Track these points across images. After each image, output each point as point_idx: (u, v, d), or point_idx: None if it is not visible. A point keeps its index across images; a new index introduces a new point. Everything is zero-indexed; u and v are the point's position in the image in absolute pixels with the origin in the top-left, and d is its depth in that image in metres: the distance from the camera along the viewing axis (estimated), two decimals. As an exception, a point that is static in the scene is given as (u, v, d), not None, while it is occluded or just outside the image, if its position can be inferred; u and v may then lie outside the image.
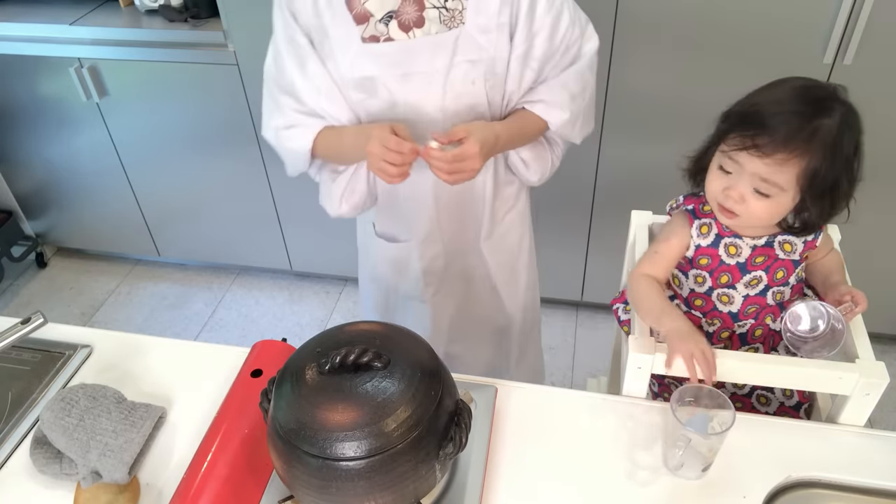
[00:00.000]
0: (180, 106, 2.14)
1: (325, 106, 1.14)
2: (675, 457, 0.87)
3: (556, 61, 1.15)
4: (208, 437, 0.92)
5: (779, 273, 1.03)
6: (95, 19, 2.12)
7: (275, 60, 1.16)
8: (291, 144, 1.18)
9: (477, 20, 1.08)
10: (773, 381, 0.99)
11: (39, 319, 0.96)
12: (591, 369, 2.23)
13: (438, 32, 1.08)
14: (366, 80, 1.11)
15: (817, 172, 0.90)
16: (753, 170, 0.92)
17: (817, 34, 1.64)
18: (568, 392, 1.04)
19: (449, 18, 1.08)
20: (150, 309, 2.56)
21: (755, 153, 0.91)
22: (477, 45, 1.09)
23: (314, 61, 1.11)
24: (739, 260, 1.03)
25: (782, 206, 0.95)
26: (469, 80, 1.11)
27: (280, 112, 1.17)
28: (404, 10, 1.08)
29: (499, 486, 0.91)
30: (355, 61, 1.09)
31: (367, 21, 1.08)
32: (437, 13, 1.08)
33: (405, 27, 1.08)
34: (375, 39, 1.09)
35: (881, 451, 0.95)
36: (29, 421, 1.03)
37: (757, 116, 0.92)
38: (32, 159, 2.43)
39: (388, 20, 1.08)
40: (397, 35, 1.08)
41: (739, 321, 1.06)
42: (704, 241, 1.04)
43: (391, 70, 1.09)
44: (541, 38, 1.11)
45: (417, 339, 0.85)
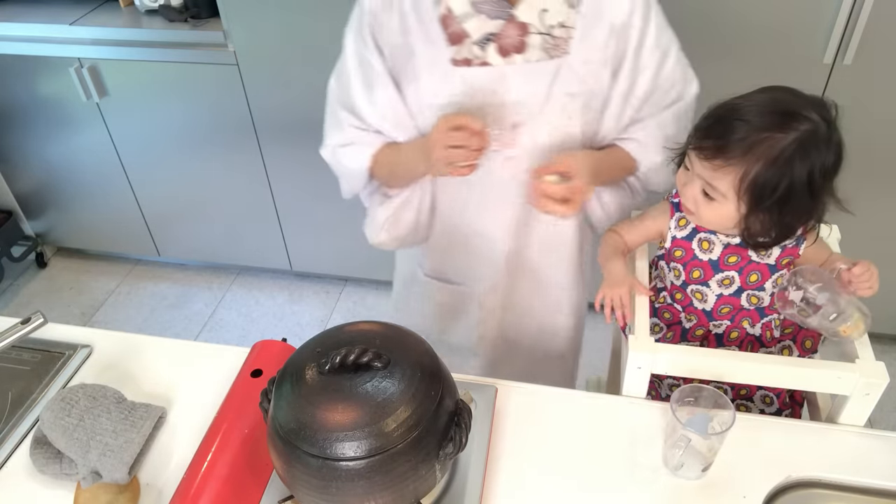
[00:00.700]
0: (180, 106, 2.14)
1: (391, 132, 1.09)
2: (675, 457, 0.87)
3: (657, 99, 1.09)
4: (208, 437, 0.92)
5: (752, 276, 1.02)
6: (95, 19, 2.12)
7: (338, 79, 1.11)
8: (348, 162, 1.13)
9: (582, 51, 1.01)
10: (773, 381, 0.99)
11: (39, 319, 0.96)
12: (591, 369, 2.23)
13: (539, 60, 1.01)
14: (451, 107, 1.03)
15: (757, 184, 0.89)
16: (699, 171, 0.94)
17: (817, 34, 1.64)
18: (568, 392, 1.04)
19: (553, 47, 1.00)
20: (150, 309, 2.56)
21: (699, 155, 0.93)
22: (578, 77, 1.02)
23: (384, 86, 1.05)
24: (712, 257, 1.03)
25: (728, 212, 0.94)
26: (566, 114, 1.05)
27: (339, 129, 1.12)
28: (506, 34, 0.99)
29: (499, 486, 0.91)
30: (442, 85, 1.02)
31: (462, 42, 1.00)
32: (541, 40, 1.00)
33: (504, 52, 1.00)
34: (468, 63, 1.01)
35: (881, 451, 0.95)
36: (29, 421, 1.03)
37: (712, 119, 0.94)
38: (32, 159, 2.43)
39: (485, 43, 1.00)
40: (494, 60, 1.00)
41: (714, 320, 1.07)
42: (680, 233, 1.05)
43: (481, 97, 1.02)
44: (646, 75, 1.05)
45: (417, 339, 0.85)
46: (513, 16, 0.98)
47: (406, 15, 1.00)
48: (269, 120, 2.11)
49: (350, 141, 1.12)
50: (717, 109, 0.94)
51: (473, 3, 0.98)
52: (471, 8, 0.98)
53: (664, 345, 1.00)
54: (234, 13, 1.92)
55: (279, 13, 1.88)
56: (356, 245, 1.49)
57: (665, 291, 1.13)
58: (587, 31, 1.00)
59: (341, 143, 1.13)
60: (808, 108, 0.88)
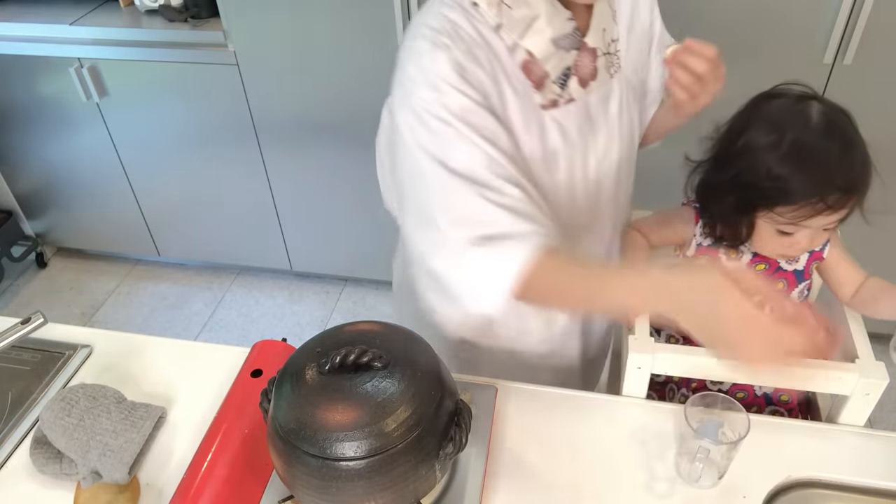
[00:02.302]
0: (180, 106, 2.14)
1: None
2: (696, 470, 0.87)
3: None
4: (208, 437, 0.92)
5: (778, 284, 1.01)
6: (95, 19, 2.12)
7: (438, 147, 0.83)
8: (500, 262, 0.82)
9: (629, 61, 1.00)
10: (773, 381, 0.99)
11: (39, 319, 0.96)
12: (591, 369, 2.23)
13: (605, 82, 0.96)
14: (549, 155, 0.93)
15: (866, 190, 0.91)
16: (825, 223, 0.91)
17: (817, 34, 1.64)
18: (568, 392, 1.04)
19: (611, 64, 0.97)
20: (150, 309, 2.56)
21: (829, 212, 0.89)
22: (632, 87, 1.01)
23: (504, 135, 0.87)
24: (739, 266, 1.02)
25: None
26: (631, 126, 1.03)
27: (464, 216, 0.83)
28: (582, 64, 0.92)
29: (499, 486, 0.91)
30: (539, 134, 0.91)
31: (545, 85, 0.91)
32: (605, 60, 0.95)
33: (584, 82, 0.93)
34: (555, 104, 0.92)
35: (881, 451, 0.95)
36: (29, 421, 1.03)
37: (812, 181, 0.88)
38: (32, 159, 2.43)
39: (564, 78, 0.91)
40: (577, 93, 0.93)
41: None
42: (707, 241, 1.04)
43: (574, 136, 0.94)
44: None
45: (417, 339, 0.85)
46: (584, 43, 0.92)
47: (493, 66, 0.87)
48: (269, 120, 2.11)
49: (490, 232, 0.82)
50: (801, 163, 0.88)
51: (554, 41, 0.88)
52: (552, 46, 0.89)
53: (664, 345, 0.99)
54: (234, 13, 1.92)
55: (279, 13, 1.88)
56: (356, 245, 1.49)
57: None
58: (628, 41, 1.00)
59: (477, 236, 0.82)
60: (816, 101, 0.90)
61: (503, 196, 0.83)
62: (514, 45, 0.88)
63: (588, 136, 0.96)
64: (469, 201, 0.83)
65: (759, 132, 0.91)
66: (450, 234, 0.84)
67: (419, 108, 0.83)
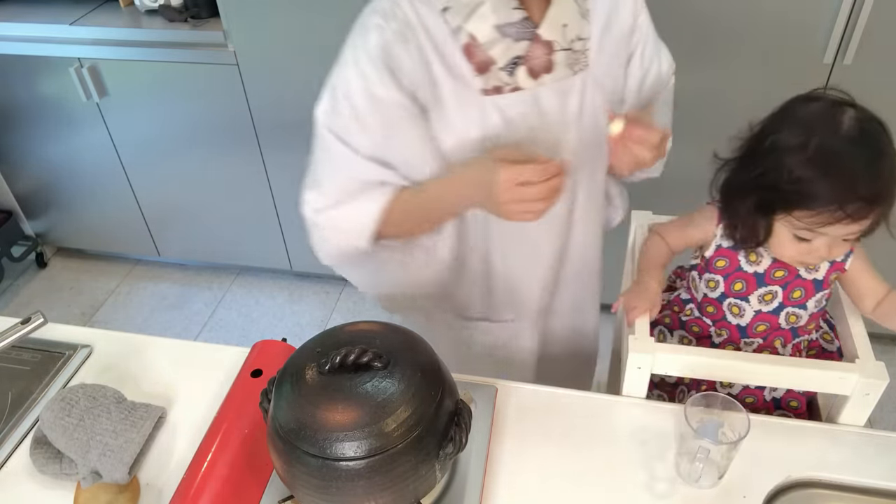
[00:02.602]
0: (180, 106, 2.14)
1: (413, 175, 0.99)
2: (696, 470, 0.87)
3: (665, 97, 1.11)
4: (208, 437, 0.92)
5: (796, 292, 1.00)
6: (95, 19, 2.12)
7: (338, 119, 0.96)
8: (352, 218, 0.99)
9: (600, 62, 0.99)
10: (773, 381, 0.99)
11: (39, 319, 0.96)
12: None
13: (565, 77, 0.97)
14: (488, 140, 0.97)
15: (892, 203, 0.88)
16: (845, 232, 0.89)
17: (817, 34, 1.64)
18: (568, 392, 1.04)
19: (574, 62, 0.97)
20: (150, 309, 2.56)
21: (849, 221, 0.87)
22: (602, 88, 1.01)
23: (409, 125, 0.95)
24: (758, 270, 1.00)
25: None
26: (597, 127, 1.02)
27: (331, 181, 0.99)
28: (534, 55, 0.94)
29: (499, 486, 0.91)
30: (476, 118, 0.96)
31: (489, 70, 0.94)
32: (565, 56, 0.96)
33: (535, 73, 0.95)
34: (499, 90, 0.95)
35: (881, 451, 0.95)
36: (29, 421, 1.02)
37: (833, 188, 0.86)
38: (32, 159, 2.43)
39: (512, 67, 0.94)
40: (526, 83, 0.95)
41: (747, 337, 1.05)
42: (726, 242, 1.02)
43: (519, 124, 0.97)
44: (653, 70, 1.07)
45: (417, 339, 0.85)
46: (538, 35, 0.94)
47: (424, 48, 0.93)
48: (269, 120, 2.11)
49: (352, 192, 0.98)
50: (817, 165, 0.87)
51: (498, 27, 0.92)
52: (497, 33, 0.93)
53: (664, 345, 0.99)
54: (234, 13, 1.92)
55: (279, 13, 1.88)
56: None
57: (692, 304, 1.10)
58: (601, 40, 0.99)
59: (342, 195, 0.99)
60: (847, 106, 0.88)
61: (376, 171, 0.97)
62: (459, 27, 0.92)
63: (537, 128, 0.98)
64: (342, 170, 0.98)
65: (788, 133, 0.89)
66: (326, 188, 1.00)
67: (334, 80, 0.96)
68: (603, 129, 1.00)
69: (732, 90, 1.77)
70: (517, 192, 0.85)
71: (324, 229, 1.03)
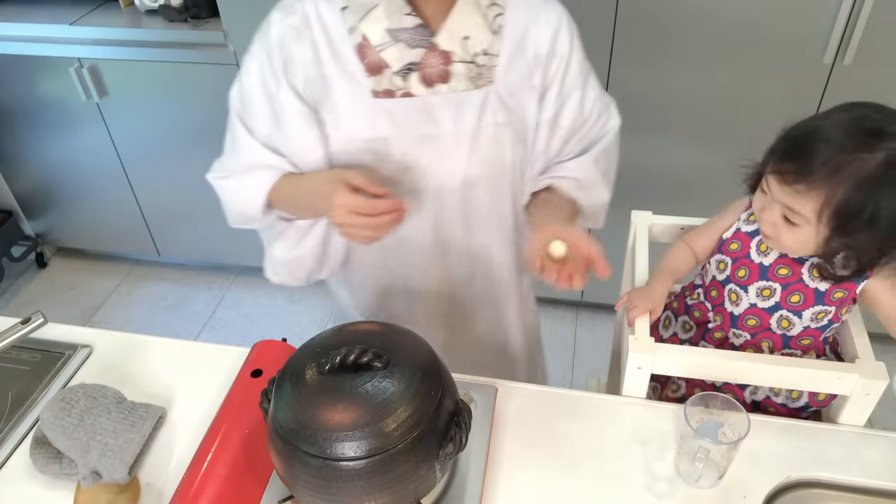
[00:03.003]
0: (180, 106, 2.14)
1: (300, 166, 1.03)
2: (696, 470, 0.87)
3: (584, 133, 1.07)
4: (208, 437, 0.92)
5: (794, 296, 0.99)
6: (95, 19, 2.12)
7: (242, 103, 1.01)
8: (243, 192, 1.05)
9: (507, 80, 0.98)
10: (773, 381, 0.99)
11: (39, 319, 0.96)
12: (591, 369, 2.23)
13: (465, 90, 0.97)
14: (377, 141, 0.98)
15: (841, 209, 0.85)
16: (779, 197, 0.90)
17: (817, 34, 1.64)
18: (568, 392, 1.04)
19: (477, 76, 0.97)
20: (150, 309, 2.56)
21: (778, 179, 0.89)
22: (506, 106, 0.99)
23: (294, 123, 0.98)
24: (764, 261, 1.00)
25: (808, 237, 0.90)
26: (498, 144, 1.01)
27: (235, 154, 1.05)
28: (428, 63, 0.95)
29: (499, 486, 0.91)
30: (365, 118, 0.97)
31: (382, 72, 0.95)
32: (466, 68, 0.96)
33: (428, 81, 0.96)
34: (390, 94, 0.96)
35: (881, 451, 0.95)
36: (29, 421, 1.03)
37: (791, 142, 0.89)
38: (32, 159, 2.43)
39: (406, 72, 0.95)
40: (418, 90, 0.96)
41: (736, 328, 1.05)
42: (746, 227, 1.03)
43: (409, 129, 0.97)
44: (572, 102, 1.03)
45: (417, 339, 0.85)
46: (434, 44, 0.94)
47: (318, 45, 0.95)
48: (269, 120, 2.10)
49: (246, 169, 1.03)
50: (795, 130, 0.90)
51: (390, 31, 0.94)
52: (388, 37, 0.94)
53: (664, 345, 0.99)
54: (234, 13, 1.92)
55: (279, 13, 1.88)
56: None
57: (700, 288, 1.11)
58: (511, 59, 0.98)
59: (236, 170, 1.05)
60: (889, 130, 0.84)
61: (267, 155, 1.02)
62: (353, 27, 0.95)
63: (429, 136, 0.98)
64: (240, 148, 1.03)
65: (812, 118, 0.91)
66: (226, 161, 1.07)
67: (243, 66, 1.00)
68: (502, 150, 1.01)
69: (732, 90, 1.77)
70: (349, 218, 0.90)
71: (221, 195, 1.10)
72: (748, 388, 1.07)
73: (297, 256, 1.11)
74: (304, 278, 1.15)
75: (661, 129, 1.87)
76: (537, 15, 0.98)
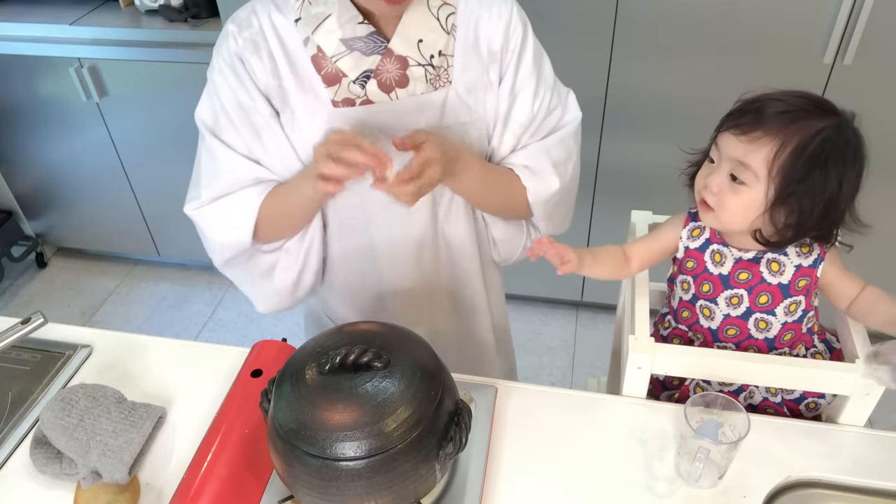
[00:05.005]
0: (180, 106, 2.14)
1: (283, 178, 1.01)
2: (696, 470, 0.87)
3: (536, 128, 1.05)
4: (208, 437, 0.92)
5: (762, 297, 0.99)
6: (95, 19, 2.12)
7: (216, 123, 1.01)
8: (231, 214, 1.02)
9: (464, 78, 0.98)
10: (773, 381, 0.99)
11: (39, 319, 0.96)
12: (591, 369, 2.23)
13: (424, 93, 0.97)
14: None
15: (789, 162, 0.87)
16: (731, 152, 0.91)
17: (817, 34, 1.65)
18: (568, 392, 1.04)
19: (435, 77, 0.97)
20: (150, 309, 2.57)
21: (735, 132, 0.90)
22: (466, 105, 0.99)
23: (271, 130, 0.98)
24: (723, 271, 1.00)
25: (755, 201, 0.91)
26: (464, 139, 1.01)
27: (215, 179, 1.02)
28: (385, 69, 0.94)
29: (499, 486, 0.91)
30: (326, 129, 0.95)
31: (339, 82, 0.95)
32: (423, 71, 0.96)
33: (386, 88, 0.95)
34: (350, 103, 0.96)
35: (881, 451, 0.95)
36: (29, 421, 1.03)
37: (749, 102, 0.92)
38: (32, 159, 2.43)
39: (364, 80, 0.95)
40: (377, 97, 0.96)
41: (719, 341, 1.04)
42: (693, 243, 1.04)
43: (372, 137, 0.96)
44: (523, 97, 1.01)
45: (417, 339, 0.85)
46: (389, 50, 0.94)
47: (276, 56, 0.95)
48: (269, 120, 2.11)
49: (231, 188, 1.01)
50: (749, 97, 0.94)
51: (344, 41, 0.93)
52: (343, 46, 0.94)
53: (664, 345, 0.99)
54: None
55: (279, 13, 1.88)
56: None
57: (669, 315, 1.10)
58: (466, 57, 0.98)
59: (220, 193, 1.02)
60: (837, 106, 0.90)
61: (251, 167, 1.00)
62: (308, 38, 0.95)
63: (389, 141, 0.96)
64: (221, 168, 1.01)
65: None
66: (206, 185, 1.03)
67: (208, 84, 1.01)
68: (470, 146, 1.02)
69: (732, 90, 1.76)
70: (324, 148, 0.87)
71: (206, 225, 1.06)
72: (742, 395, 1.06)
73: (297, 277, 1.10)
74: (301, 297, 1.14)
75: (661, 129, 1.87)
76: (489, 9, 0.98)
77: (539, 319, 2.35)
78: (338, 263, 1.13)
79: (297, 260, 1.09)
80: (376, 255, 1.11)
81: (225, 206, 1.02)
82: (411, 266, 1.12)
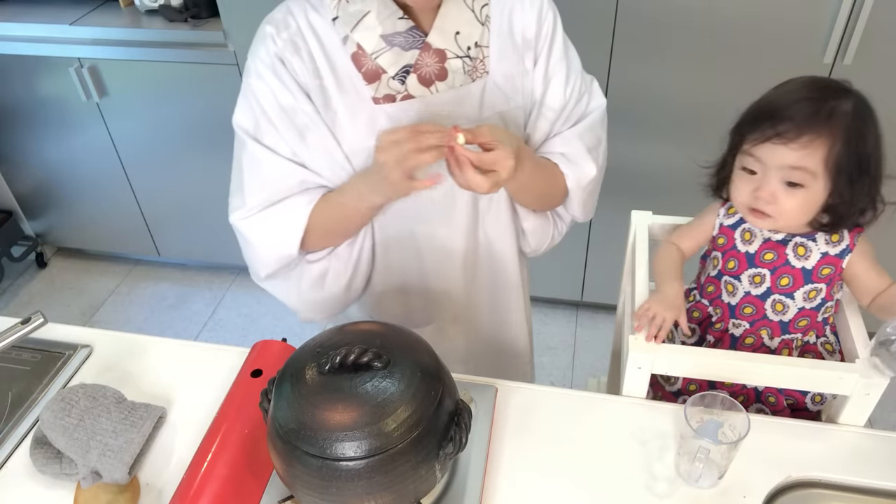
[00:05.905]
0: (180, 106, 2.14)
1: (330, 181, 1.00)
2: (696, 470, 0.87)
3: (568, 114, 1.06)
4: (208, 437, 0.92)
5: (783, 279, 1.00)
6: (95, 19, 2.12)
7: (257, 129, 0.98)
8: (279, 222, 0.99)
9: (501, 68, 0.99)
10: (773, 381, 0.99)
11: (39, 319, 0.96)
12: (591, 369, 2.24)
13: (463, 85, 0.97)
14: None
15: (842, 155, 0.90)
16: (780, 161, 0.91)
17: (817, 34, 1.65)
18: (568, 392, 1.04)
19: (473, 69, 0.97)
20: (150, 309, 2.57)
21: (779, 141, 0.90)
22: (504, 94, 1.00)
23: (317, 130, 0.96)
24: (749, 249, 1.02)
25: (815, 197, 0.93)
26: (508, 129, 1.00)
27: (260, 188, 0.99)
28: (424, 63, 0.95)
29: (499, 486, 0.91)
30: (368, 126, 0.96)
31: (379, 79, 0.95)
32: (461, 63, 0.96)
33: (426, 81, 0.96)
34: (391, 99, 0.96)
35: (881, 451, 0.95)
36: (29, 421, 1.03)
37: (772, 107, 0.93)
38: (32, 159, 2.43)
39: (404, 75, 0.95)
40: (417, 91, 0.96)
41: (735, 318, 1.06)
42: (728, 220, 1.05)
43: None
44: (556, 82, 1.02)
45: (417, 339, 0.85)
46: (427, 43, 0.94)
47: (315, 56, 0.94)
48: (269, 120, 2.11)
49: (280, 197, 0.99)
50: (762, 103, 0.95)
51: (385, 37, 0.93)
52: (383, 42, 0.94)
53: (664, 345, 0.99)
54: (234, 13, 1.92)
55: (279, 13, 1.88)
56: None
57: (696, 290, 1.12)
58: (501, 47, 0.99)
59: (267, 200, 0.99)
60: (840, 82, 0.93)
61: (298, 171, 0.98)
62: (347, 37, 0.94)
63: None
64: (265, 174, 0.98)
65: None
66: (252, 194, 1.00)
67: (245, 89, 0.98)
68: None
69: (732, 90, 1.77)
70: (392, 150, 0.85)
71: (253, 235, 1.02)
72: None
73: (349, 281, 1.10)
74: (350, 301, 1.14)
75: (662, 129, 1.87)
76: None
77: (539, 319, 2.34)
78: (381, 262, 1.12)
79: (349, 264, 1.08)
80: (418, 247, 1.10)
81: (273, 215, 1.00)
82: (453, 262, 1.13)
